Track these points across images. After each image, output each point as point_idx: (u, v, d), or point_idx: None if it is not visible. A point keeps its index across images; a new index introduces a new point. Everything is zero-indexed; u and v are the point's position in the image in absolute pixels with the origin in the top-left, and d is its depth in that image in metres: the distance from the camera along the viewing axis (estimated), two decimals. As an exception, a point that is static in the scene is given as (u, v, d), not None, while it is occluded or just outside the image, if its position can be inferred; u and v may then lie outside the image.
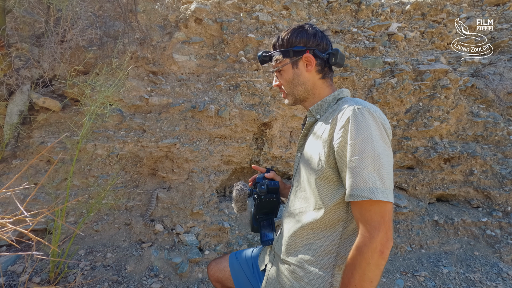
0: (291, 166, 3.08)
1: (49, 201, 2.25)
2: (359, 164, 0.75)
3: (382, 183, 0.74)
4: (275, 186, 1.14)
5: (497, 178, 3.18)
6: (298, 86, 1.01)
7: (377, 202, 0.73)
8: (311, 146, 0.93)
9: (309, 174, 0.91)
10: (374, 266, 0.71)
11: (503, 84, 3.58)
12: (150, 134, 2.61)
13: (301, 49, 0.99)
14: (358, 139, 0.77)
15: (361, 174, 0.75)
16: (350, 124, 0.79)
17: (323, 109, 0.99)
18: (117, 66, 2.40)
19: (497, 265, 2.69)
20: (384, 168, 0.76)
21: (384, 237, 0.72)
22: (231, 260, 1.25)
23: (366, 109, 0.81)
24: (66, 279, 1.86)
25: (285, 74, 1.02)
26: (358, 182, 0.75)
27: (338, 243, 0.85)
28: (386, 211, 0.74)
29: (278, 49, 1.03)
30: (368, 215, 0.74)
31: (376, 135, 0.78)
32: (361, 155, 0.76)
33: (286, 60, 1.01)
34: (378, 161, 0.75)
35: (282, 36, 1.02)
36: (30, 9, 2.42)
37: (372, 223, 0.73)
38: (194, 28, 3.08)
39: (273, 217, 1.19)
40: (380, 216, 0.73)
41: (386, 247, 0.72)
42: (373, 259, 0.71)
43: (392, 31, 3.66)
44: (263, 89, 2.93)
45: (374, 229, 0.73)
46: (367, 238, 0.73)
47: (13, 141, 2.45)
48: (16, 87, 2.38)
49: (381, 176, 0.75)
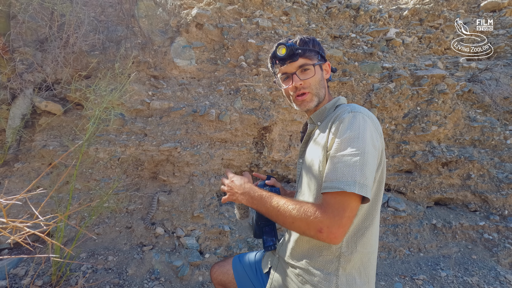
0: (290, 170, 3.11)
1: (51, 204, 2.26)
2: (342, 158, 0.77)
3: (363, 179, 0.74)
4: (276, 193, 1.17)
5: (494, 182, 3.21)
6: (322, 89, 1.03)
7: (343, 193, 0.74)
8: (311, 153, 0.96)
9: (310, 180, 0.93)
10: (305, 228, 0.76)
11: (500, 89, 3.64)
12: (151, 138, 2.64)
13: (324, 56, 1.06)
14: (347, 136, 0.79)
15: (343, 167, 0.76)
16: (342, 124, 0.83)
17: (323, 116, 1.03)
18: (120, 71, 2.43)
19: (494, 268, 2.72)
20: (368, 166, 0.76)
21: (330, 221, 0.72)
22: (234, 263, 1.27)
23: (360, 114, 0.85)
24: (68, 282, 1.87)
25: (316, 74, 1.01)
26: (336, 175, 0.76)
27: (341, 245, 0.88)
28: (349, 207, 0.74)
29: (312, 48, 1.02)
30: (333, 201, 0.75)
31: (366, 135, 0.79)
32: (345, 151, 0.77)
33: (316, 60, 1.02)
34: (362, 158, 0.76)
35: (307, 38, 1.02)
36: (34, 14, 2.45)
37: (331, 207, 0.74)
38: (195, 33, 3.12)
39: (275, 223, 1.21)
40: (342, 207, 0.73)
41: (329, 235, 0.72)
42: (311, 229, 0.74)
43: (390, 36, 3.72)
44: (263, 93, 2.96)
45: (333, 211, 0.73)
46: (320, 210, 0.75)
47: (15, 145, 2.47)
48: (19, 91, 2.41)
49: (363, 171, 0.75)
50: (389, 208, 3.14)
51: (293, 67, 1.00)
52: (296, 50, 0.97)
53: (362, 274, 0.88)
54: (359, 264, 0.88)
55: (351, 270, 0.87)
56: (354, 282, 0.87)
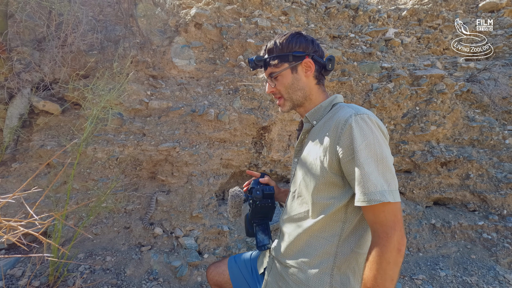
0: (289, 170, 3.10)
1: (48, 204, 2.25)
2: (367, 169, 0.78)
3: (388, 185, 0.77)
4: (270, 191, 1.15)
5: (493, 182, 3.21)
6: (297, 91, 1.01)
7: (388, 203, 0.76)
8: (310, 153, 0.94)
9: (308, 180, 0.92)
10: (394, 264, 0.74)
11: (498, 89, 3.64)
12: (150, 138, 2.62)
13: (301, 54, 0.99)
14: (362, 145, 0.79)
15: (370, 178, 0.77)
16: (353, 130, 0.81)
17: (319, 115, 1.00)
18: (118, 71, 2.42)
19: (493, 268, 2.72)
20: (389, 170, 0.79)
21: (399, 235, 0.75)
22: (230, 264, 1.26)
23: (366, 115, 0.84)
24: (66, 282, 1.86)
25: (284, 79, 1.01)
26: (369, 187, 0.77)
27: (337, 244, 0.87)
28: (398, 210, 0.77)
29: (276, 54, 1.01)
30: (382, 217, 0.76)
31: (379, 139, 0.81)
32: (368, 160, 0.78)
33: (284, 65, 1.00)
34: (382, 164, 0.79)
35: (279, 41, 1.00)
36: (32, 13, 2.44)
37: (387, 223, 0.76)
38: (194, 33, 3.11)
39: (268, 221, 1.19)
40: (394, 215, 0.76)
41: (402, 244, 0.75)
42: (392, 258, 0.73)
43: (389, 36, 3.72)
44: (262, 93, 2.96)
45: (390, 229, 0.75)
46: (385, 239, 0.75)
47: (12, 144, 2.45)
48: (16, 90, 2.39)
49: (386, 178, 0.78)
50: (388, 208, 3.14)
51: (266, 74, 1.06)
52: (258, 62, 1.03)
53: (356, 274, 0.88)
54: (354, 264, 0.88)
55: (346, 270, 0.87)
56: (348, 281, 0.86)
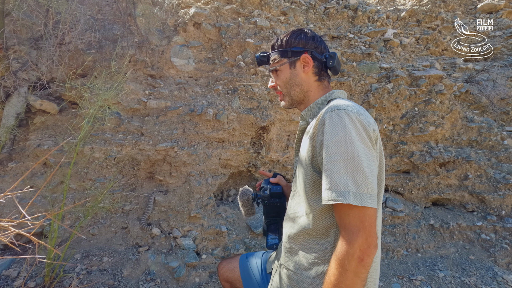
0: (288, 170, 3.09)
1: (45, 204, 2.23)
2: (331, 167, 0.73)
3: (356, 187, 0.70)
4: (277, 191, 1.16)
5: (491, 183, 3.22)
6: (294, 87, 1.01)
7: (353, 207, 0.70)
8: (303, 151, 0.93)
9: (302, 179, 0.91)
10: (352, 273, 0.68)
11: (496, 90, 3.65)
12: (148, 138, 2.61)
13: (299, 49, 1.00)
14: (332, 141, 0.75)
15: (333, 177, 0.72)
16: (325, 126, 0.78)
17: (314, 112, 0.99)
18: (116, 69, 2.40)
19: (492, 269, 2.72)
20: (360, 171, 0.72)
21: (363, 243, 0.68)
22: (241, 261, 1.27)
23: (343, 110, 0.78)
24: (62, 283, 1.84)
25: (282, 74, 1.03)
26: (330, 185, 0.72)
27: (331, 251, 0.82)
28: (366, 216, 0.70)
29: (277, 49, 1.05)
30: (346, 220, 0.71)
31: (353, 137, 0.74)
32: (333, 157, 0.74)
33: (283, 60, 1.02)
34: (352, 163, 0.72)
35: (281, 37, 1.04)
36: (29, 12, 2.42)
37: (350, 228, 0.70)
38: (192, 32, 3.10)
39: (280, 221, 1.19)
40: (359, 221, 0.70)
41: (366, 254, 0.68)
42: (350, 266, 0.68)
43: (388, 37, 3.72)
44: (261, 93, 2.95)
45: (352, 234, 0.69)
46: (345, 244, 0.70)
47: (9, 144, 2.43)
48: (13, 89, 2.37)
49: (356, 179, 0.71)
50: (387, 209, 3.13)
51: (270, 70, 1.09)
52: (263, 58, 1.08)
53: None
54: None
55: None
56: None
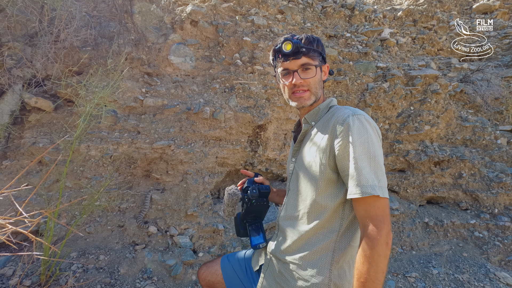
0: (285, 168, 3.10)
1: (40, 202, 2.21)
2: (361, 164, 0.82)
3: (378, 181, 0.82)
4: (266, 190, 1.15)
5: (484, 181, 3.26)
6: (320, 90, 1.05)
7: (378, 198, 0.80)
8: (309, 152, 0.97)
9: (308, 178, 0.94)
10: (384, 257, 0.77)
11: (491, 90, 3.70)
12: (144, 136, 2.60)
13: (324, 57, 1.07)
14: (357, 142, 0.84)
15: (363, 173, 0.82)
16: (350, 129, 0.86)
17: (317, 116, 1.05)
18: (112, 67, 2.39)
19: (484, 266, 2.76)
20: (380, 168, 0.84)
21: (388, 229, 0.79)
22: (223, 263, 1.26)
23: (362, 116, 0.90)
24: (58, 282, 1.83)
25: (316, 74, 1.02)
26: (361, 180, 0.81)
27: (335, 240, 0.90)
28: (386, 206, 0.82)
29: (316, 48, 1.02)
30: (373, 211, 0.81)
31: (373, 139, 0.87)
32: (361, 156, 0.83)
33: (317, 61, 1.03)
34: (374, 161, 0.84)
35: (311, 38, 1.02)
36: (23, 8, 2.39)
37: (377, 217, 0.80)
38: (189, 30, 3.09)
39: (261, 221, 1.19)
40: (383, 211, 0.80)
41: (389, 238, 0.79)
42: (383, 251, 0.77)
43: (385, 36, 3.74)
44: (258, 91, 2.95)
45: (380, 223, 0.79)
46: (376, 232, 0.79)
47: (3, 142, 2.41)
48: (7, 86, 2.35)
49: (377, 174, 0.83)
50: (383, 207, 3.16)
51: (295, 64, 0.99)
52: (301, 48, 0.97)
53: (351, 267, 0.92)
54: (349, 257, 0.92)
55: (342, 264, 0.90)
56: (345, 275, 0.90)
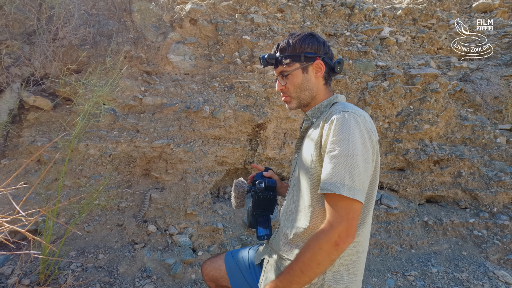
0: (284, 167, 3.10)
1: (39, 201, 2.20)
2: (333, 160, 0.81)
3: (351, 181, 0.78)
4: (272, 184, 1.18)
5: (484, 180, 3.27)
6: (305, 91, 1.03)
7: (344, 198, 0.78)
8: (306, 148, 0.98)
9: (304, 174, 0.95)
10: (325, 252, 0.76)
11: (490, 89, 3.70)
12: (143, 134, 2.59)
13: (312, 55, 1.02)
14: (336, 138, 0.83)
15: (332, 169, 0.80)
16: (333, 125, 0.85)
17: (318, 113, 1.04)
18: (111, 66, 2.38)
19: (483, 264, 2.77)
20: (357, 168, 0.79)
21: (344, 231, 0.76)
22: (227, 259, 1.27)
23: (351, 113, 0.86)
24: (57, 281, 1.83)
25: (294, 78, 1.02)
26: (327, 176, 0.80)
27: None
28: (351, 209, 0.77)
29: (288, 53, 1.02)
30: (335, 208, 0.79)
31: (355, 137, 0.82)
32: (336, 152, 0.81)
33: (296, 65, 1.02)
34: (352, 160, 0.79)
35: (292, 41, 1.01)
36: (21, 6, 2.37)
37: (335, 215, 0.78)
38: (189, 29, 3.08)
39: (270, 214, 1.22)
40: (345, 213, 0.77)
41: (343, 241, 0.76)
42: (326, 246, 0.76)
43: (384, 35, 3.73)
44: (258, 90, 2.95)
45: (335, 221, 0.77)
46: (327, 227, 0.78)
47: (2, 140, 2.40)
48: (5, 85, 2.33)
49: (352, 174, 0.79)
50: (382, 206, 3.17)
51: (277, 72, 1.07)
52: (270, 60, 1.03)
53: (350, 272, 0.90)
54: (348, 261, 0.90)
55: (339, 267, 0.89)
56: (342, 279, 0.88)
